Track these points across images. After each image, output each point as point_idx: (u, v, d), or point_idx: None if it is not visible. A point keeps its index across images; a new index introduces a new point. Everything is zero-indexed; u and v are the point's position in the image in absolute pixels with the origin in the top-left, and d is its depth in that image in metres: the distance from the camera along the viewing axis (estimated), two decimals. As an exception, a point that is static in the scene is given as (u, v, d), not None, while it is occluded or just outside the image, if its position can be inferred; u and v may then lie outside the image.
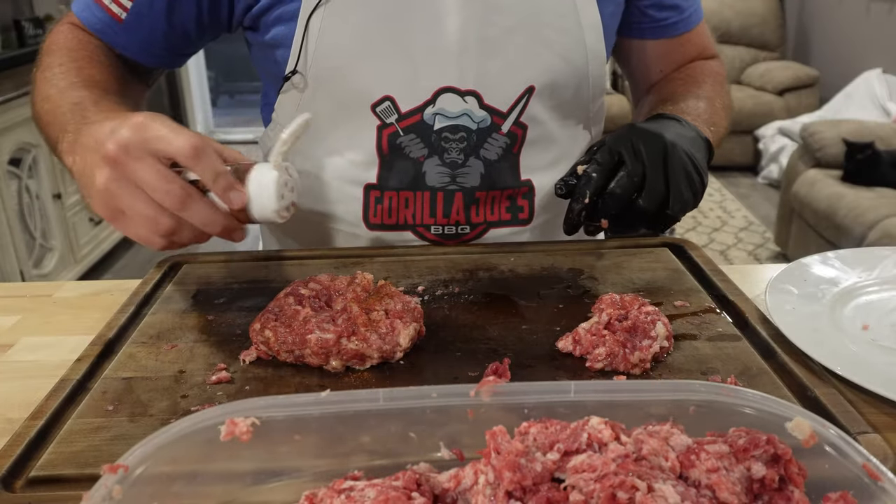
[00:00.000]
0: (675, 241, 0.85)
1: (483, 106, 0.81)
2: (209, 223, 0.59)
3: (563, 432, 0.42)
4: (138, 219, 0.58)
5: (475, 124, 0.82)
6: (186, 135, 0.56)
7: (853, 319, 0.67)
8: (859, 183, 2.88)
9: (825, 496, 0.40)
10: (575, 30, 0.81)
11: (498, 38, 0.79)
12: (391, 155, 0.83)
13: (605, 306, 0.65)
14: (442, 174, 0.84)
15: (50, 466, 0.50)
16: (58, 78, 0.75)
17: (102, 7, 0.81)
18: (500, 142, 0.83)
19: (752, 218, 3.87)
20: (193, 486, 0.44)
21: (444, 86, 0.80)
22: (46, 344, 0.71)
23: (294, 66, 0.81)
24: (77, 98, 0.71)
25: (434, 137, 0.82)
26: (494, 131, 0.83)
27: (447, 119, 0.81)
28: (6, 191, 2.70)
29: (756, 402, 0.44)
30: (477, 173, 0.84)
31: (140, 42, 0.83)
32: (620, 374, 0.59)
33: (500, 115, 0.82)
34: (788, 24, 4.99)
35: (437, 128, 0.81)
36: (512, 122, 0.83)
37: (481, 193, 0.85)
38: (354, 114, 0.82)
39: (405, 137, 0.82)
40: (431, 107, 0.81)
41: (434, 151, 0.83)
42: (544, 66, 0.81)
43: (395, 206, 0.86)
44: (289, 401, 0.45)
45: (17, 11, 3.72)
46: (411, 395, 0.45)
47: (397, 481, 0.42)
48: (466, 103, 0.81)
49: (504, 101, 0.81)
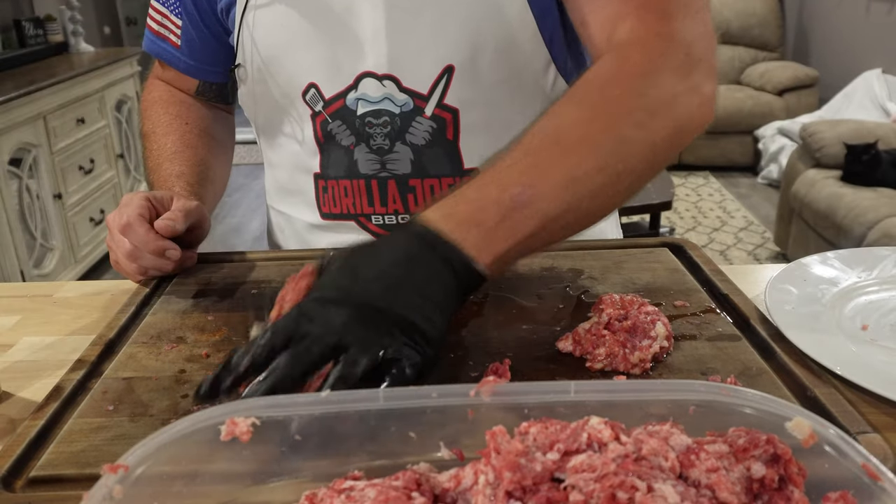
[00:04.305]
0: (675, 241, 0.84)
1: (403, 89, 0.80)
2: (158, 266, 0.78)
3: (563, 432, 0.42)
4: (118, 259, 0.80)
5: (398, 108, 0.81)
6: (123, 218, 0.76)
7: (853, 319, 0.67)
8: (859, 183, 2.88)
9: (825, 496, 0.40)
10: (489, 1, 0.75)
11: (406, 18, 0.78)
12: (326, 143, 0.85)
13: (605, 306, 0.65)
14: (372, 161, 0.84)
15: (50, 466, 0.50)
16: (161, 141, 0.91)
17: (163, 38, 0.92)
18: (426, 125, 0.81)
19: (752, 218, 3.87)
20: (193, 486, 0.44)
21: (364, 71, 0.80)
22: (46, 344, 0.71)
23: (238, 59, 0.86)
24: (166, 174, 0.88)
25: (359, 123, 0.82)
26: (418, 115, 0.81)
27: (370, 104, 0.81)
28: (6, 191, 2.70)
29: (756, 401, 0.44)
30: (406, 159, 0.83)
31: (199, 61, 0.92)
32: (620, 374, 0.59)
33: (421, 98, 0.80)
34: (788, 24, 4.99)
35: (360, 113, 0.82)
36: (435, 104, 0.80)
37: (415, 181, 0.84)
38: (291, 103, 0.85)
39: (333, 124, 0.83)
40: (354, 92, 0.81)
41: (361, 138, 0.83)
42: (459, 44, 0.77)
43: (338, 195, 0.87)
44: (289, 401, 0.45)
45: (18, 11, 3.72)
46: (411, 395, 0.45)
47: (397, 481, 0.42)
48: (385, 87, 0.80)
49: (422, 82, 0.80)
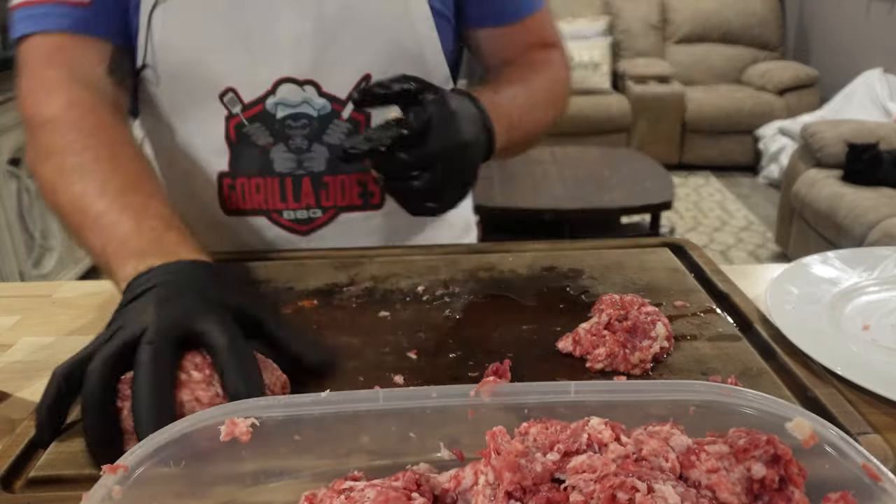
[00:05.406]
0: (675, 241, 0.85)
1: (322, 94, 0.84)
2: None
3: (563, 433, 0.42)
4: None
5: (316, 111, 0.85)
6: None
7: (853, 319, 0.67)
8: (860, 183, 2.88)
9: (825, 496, 0.40)
10: (404, 18, 0.84)
11: (331, 28, 0.81)
12: (239, 143, 0.86)
13: (605, 306, 0.64)
14: (288, 160, 0.87)
15: (50, 466, 0.50)
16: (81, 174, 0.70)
17: (61, 3, 0.78)
18: (342, 127, 0.86)
19: (753, 218, 3.87)
20: (193, 486, 0.44)
21: (283, 77, 0.83)
22: (45, 344, 0.71)
23: (143, 60, 0.83)
24: None
25: (278, 125, 0.85)
26: (335, 118, 0.85)
27: (289, 108, 0.84)
28: (6, 191, 2.70)
29: (756, 402, 0.44)
30: (322, 158, 0.87)
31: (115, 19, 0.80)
32: (620, 375, 0.59)
33: (339, 103, 0.85)
34: (788, 24, 4.99)
35: (279, 116, 0.84)
36: (352, 108, 0.85)
37: (329, 178, 0.88)
38: (204, 105, 0.84)
39: (251, 127, 0.85)
40: (273, 97, 0.83)
41: (279, 139, 0.86)
42: (377, 54, 0.84)
43: (248, 192, 0.89)
44: (289, 401, 0.45)
45: (17, 11, 3.71)
46: (411, 395, 0.45)
47: (397, 482, 0.42)
48: (305, 92, 0.84)
49: (342, 88, 0.84)
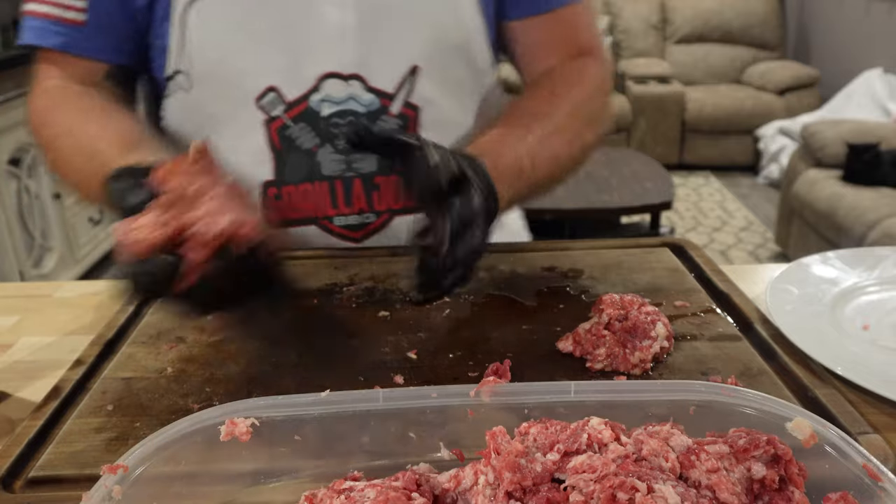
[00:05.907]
0: (675, 241, 0.84)
1: (369, 89, 0.81)
2: None
3: (563, 433, 0.42)
4: None
5: (363, 108, 0.82)
6: None
7: (853, 319, 0.67)
8: (860, 183, 2.88)
9: (825, 496, 0.40)
10: (449, 5, 0.82)
11: (374, 19, 0.79)
12: (284, 148, 0.83)
13: (605, 306, 0.64)
14: (337, 161, 0.84)
15: (50, 466, 0.50)
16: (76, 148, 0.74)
17: (58, 20, 0.79)
18: (391, 124, 0.83)
19: (753, 218, 3.87)
20: (193, 486, 0.44)
21: (327, 72, 0.80)
22: (45, 344, 0.71)
23: (175, 66, 0.81)
24: None
25: (323, 124, 0.82)
26: (384, 113, 0.82)
27: (334, 105, 0.81)
28: (6, 191, 2.69)
29: (756, 402, 0.44)
30: (373, 158, 0.84)
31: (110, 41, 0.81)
32: (620, 375, 0.59)
33: (387, 97, 0.82)
34: (788, 24, 4.99)
35: (324, 114, 0.81)
36: (401, 103, 0.82)
37: (381, 179, 0.85)
38: (240, 111, 0.81)
39: (295, 128, 0.82)
40: (317, 93, 0.81)
41: (326, 139, 0.83)
42: (424, 45, 0.81)
43: (295, 199, 0.85)
44: (289, 401, 0.45)
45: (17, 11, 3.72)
46: (411, 395, 0.45)
47: (397, 482, 0.42)
48: (351, 87, 0.81)
49: (389, 81, 0.81)
